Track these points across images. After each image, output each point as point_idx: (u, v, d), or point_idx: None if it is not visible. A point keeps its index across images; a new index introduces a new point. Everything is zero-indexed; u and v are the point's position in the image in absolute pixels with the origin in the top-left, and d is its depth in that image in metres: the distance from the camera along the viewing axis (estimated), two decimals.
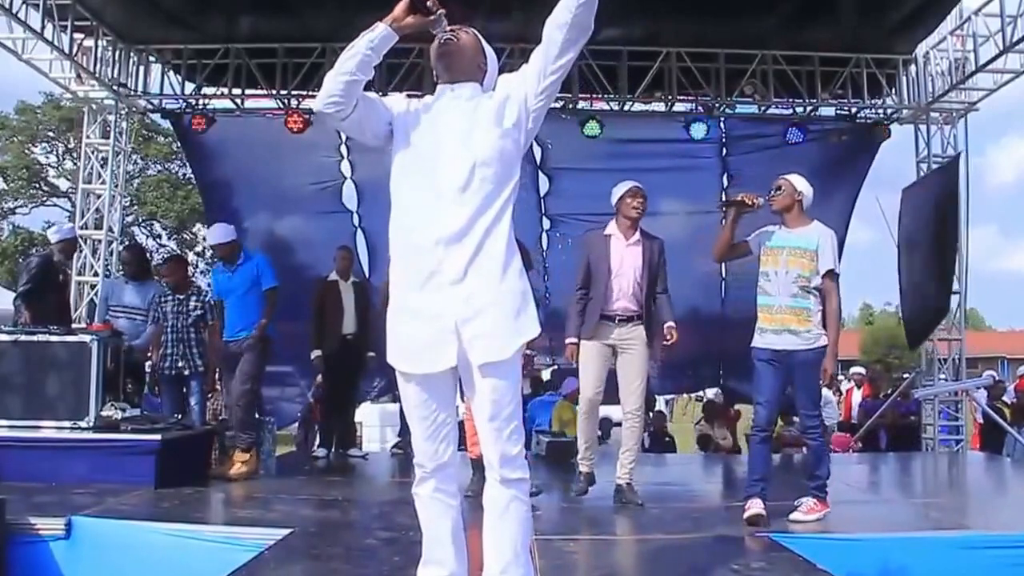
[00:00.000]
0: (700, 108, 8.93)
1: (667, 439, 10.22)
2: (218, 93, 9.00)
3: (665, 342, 4.89)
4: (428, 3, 2.41)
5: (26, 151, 24.95)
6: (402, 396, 2.54)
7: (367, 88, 2.49)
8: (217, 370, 6.45)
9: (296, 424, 9.91)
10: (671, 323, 4.93)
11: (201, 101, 8.96)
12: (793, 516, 4.35)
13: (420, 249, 2.42)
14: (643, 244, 4.93)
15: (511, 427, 2.41)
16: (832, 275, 4.34)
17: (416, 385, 2.46)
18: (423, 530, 2.58)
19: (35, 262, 6.40)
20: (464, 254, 2.38)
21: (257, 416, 6.17)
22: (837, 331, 4.36)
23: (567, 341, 4.91)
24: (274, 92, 8.80)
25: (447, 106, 2.52)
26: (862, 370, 11.31)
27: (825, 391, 8.28)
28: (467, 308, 2.37)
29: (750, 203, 4.46)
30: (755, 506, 4.24)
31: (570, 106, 8.84)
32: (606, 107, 9.02)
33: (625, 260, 4.87)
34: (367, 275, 9.04)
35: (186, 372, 6.39)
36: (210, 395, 7.07)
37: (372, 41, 2.42)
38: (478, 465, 4.49)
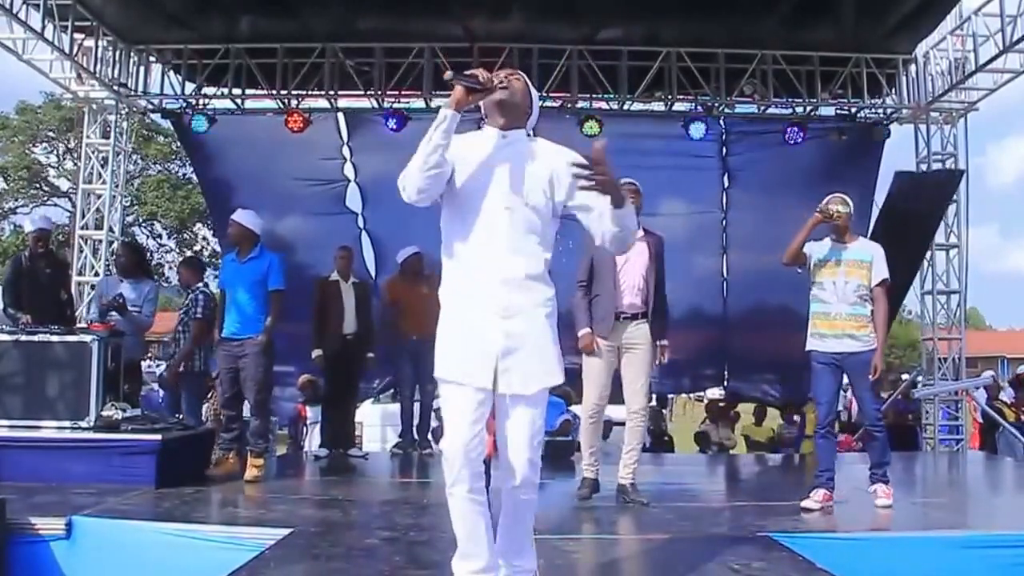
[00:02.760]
0: (700, 108, 8.93)
1: (666, 438, 10.23)
2: (218, 93, 9.00)
3: (658, 363, 4.93)
4: (484, 83, 2.65)
5: (27, 151, 24.98)
6: (445, 400, 2.74)
7: (368, 86, 2.56)
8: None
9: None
10: (664, 342, 4.92)
11: (201, 101, 8.95)
12: (879, 502, 4.77)
13: (477, 286, 2.70)
14: (647, 240, 4.92)
15: (536, 440, 2.75)
16: (884, 283, 4.80)
17: (462, 392, 2.69)
18: (457, 526, 2.74)
19: (3, 275, 6.48)
20: (517, 297, 2.69)
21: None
22: (886, 333, 4.86)
23: (581, 332, 4.85)
24: (274, 92, 8.80)
25: (500, 156, 2.75)
26: None
27: None
28: (508, 342, 2.68)
29: (831, 216, 4.84)
30: (814, 497, 4.68)
31: (569, 105, 8.85)
32: (606, 107, 9.02)
33: (630, 257, 4.84)
34: (373, 277, 9.05)
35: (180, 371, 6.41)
36: (209, 395, 7.08)
37: (445, 131, 2.62)
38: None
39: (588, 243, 4.94)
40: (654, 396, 10.51)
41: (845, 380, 4.96)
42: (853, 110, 9.17)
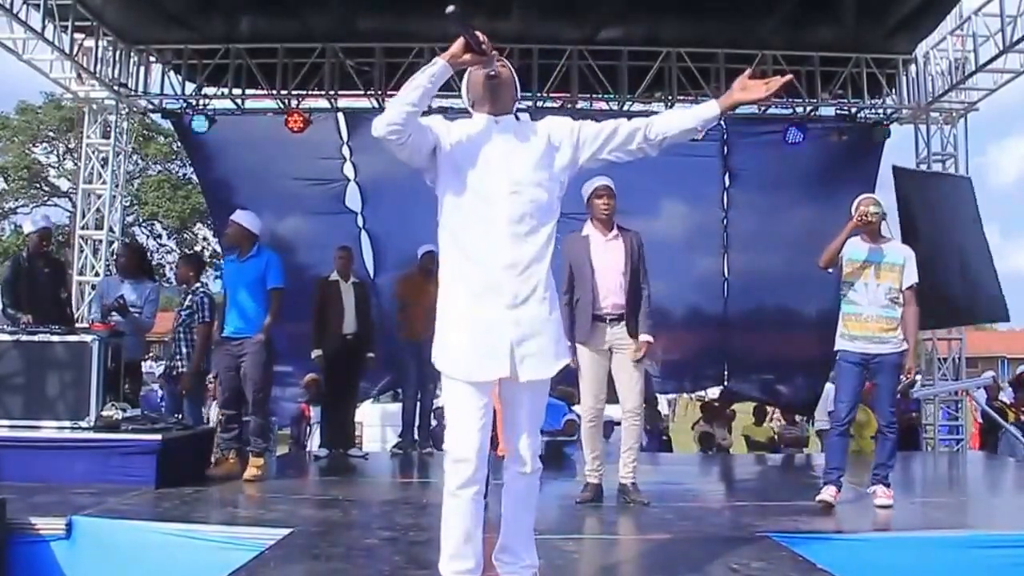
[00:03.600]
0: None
1: (664, 438, 10.22)
2: (218, 93, 9.00)
3: (636, 356, 4.82)
4: (483, 45, 2.61)
5: (27, 151, 24.99)
6: (454, 400, 2.71)
7: (368, 86, 2.56)
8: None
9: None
10: (647, 337, 4.84)
11: (201, 101, 8.96)
12: (877, 502, 4.79)
13: (481, 274, 2.67)
14: (622, 239, 4.92)
15: (538, 429, 2.83)
16: (913, 287, 4.80)
17: (473, 391, 2.68)
18: (452, 528, 2.71)
19: (3, 275, 6.53)
20: (523, 283, 2.67)
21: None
22: (916, 334, 4.87)
23: None
24: (274, 92, 8.80)
25: (497, 140, 2.75)
26: None
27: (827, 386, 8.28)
28: (520, 330, 2.67)
29: (869, 220, 4.80)
30: (827, 492, 4.72)
31: (569, 106, 8.84)
32: (606, 107, 9.01)
33: (606, 257, 4.86)
34: (372, 276, 9.05)
35: (175, 373, 6.41)
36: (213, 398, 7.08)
37: (432, 75, 2.62)
38: None
39: (564, 250, 4.89)
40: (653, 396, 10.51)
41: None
42: (853, 110, 9.18)
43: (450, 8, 2.46)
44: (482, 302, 2.67)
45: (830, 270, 4.91)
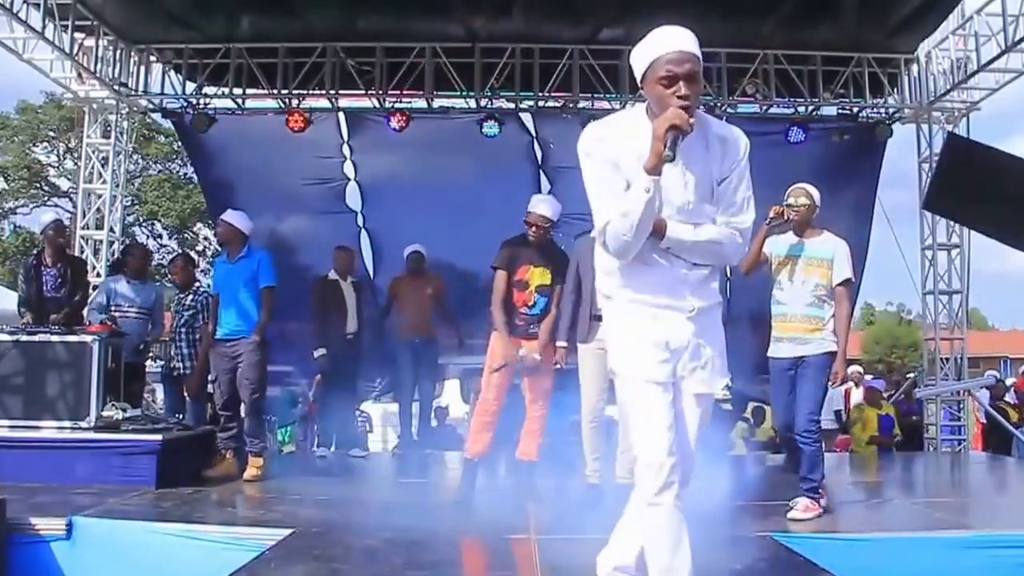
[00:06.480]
0: (702, 107, 8.90)
1: None
2: (219, 93, 9.00)
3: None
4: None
5: (27, 151, 24.96)
6: (652, 403, 2.55)
7: (369, 86, 2.49)
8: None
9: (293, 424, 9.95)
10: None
11: (202, 101, 8.95)
12: (791, 515, 4.42)
13: (661, 284, 2.59)
14: None
15: (694, 450, 2.66)
16: (847, 283, 4.45)
17: (658, 389, 2.55)
18: (661, 541, 2.55)
19: (20, 274, 6.57)
20: (699, 295, 2.62)
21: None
22: (846, 335, 4.47)
23: (557, 344, 4.91)
24: (275, 92, 8.80)
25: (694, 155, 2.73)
26: (860, 369, 11.28)
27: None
28: (696, 341, 2.59)
29: (785, 217, 4.52)
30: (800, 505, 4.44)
31: (571, 106, 8.84)
32: (607, 107, 9.00)
33: None
34: (371, 275, 9.05)
35: (175, 373, 6.40)
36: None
37: (649, 200, 2.49)
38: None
39: (577, 251, 4.90)
40: None
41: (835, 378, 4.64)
42: (855, 110, 9.17)
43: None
44: (666, 309, 2.58)
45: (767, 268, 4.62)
